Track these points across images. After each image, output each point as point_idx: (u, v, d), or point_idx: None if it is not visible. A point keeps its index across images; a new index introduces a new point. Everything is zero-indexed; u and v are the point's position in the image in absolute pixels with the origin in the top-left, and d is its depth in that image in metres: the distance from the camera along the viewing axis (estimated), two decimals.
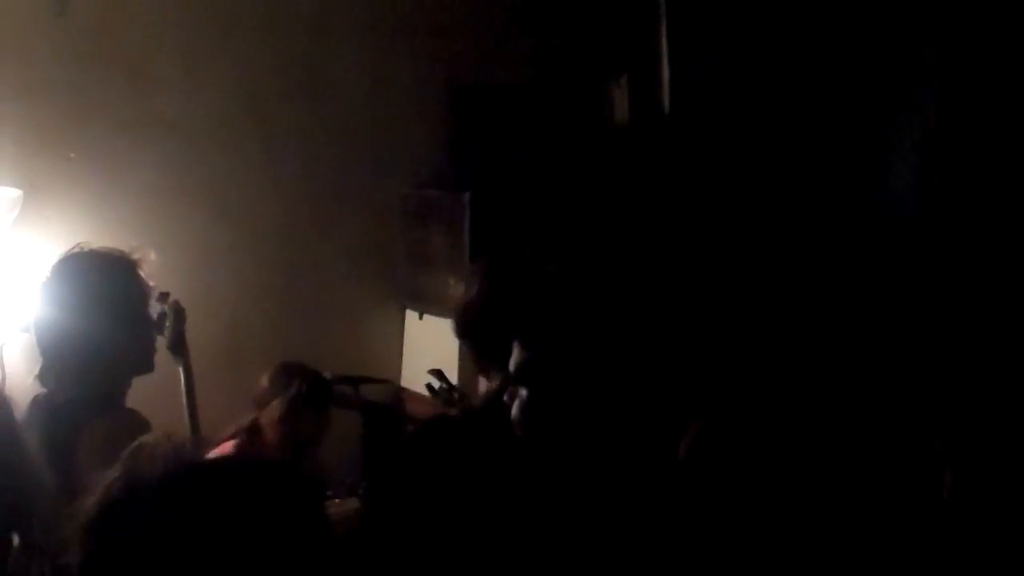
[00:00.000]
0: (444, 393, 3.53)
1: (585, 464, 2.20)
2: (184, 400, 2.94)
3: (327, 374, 3.77)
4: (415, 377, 4.12)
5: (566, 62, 4.92)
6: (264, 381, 3.67)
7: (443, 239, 4.34)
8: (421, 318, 4.52)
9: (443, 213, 4.35)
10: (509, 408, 2.11)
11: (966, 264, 3.85)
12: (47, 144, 4.02)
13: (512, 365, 2.09)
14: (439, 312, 4.16)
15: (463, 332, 2.55)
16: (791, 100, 4.55)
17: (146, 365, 2.65)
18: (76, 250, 2.63)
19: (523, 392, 2.10)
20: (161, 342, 2.83)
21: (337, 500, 3.75)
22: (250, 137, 4.38)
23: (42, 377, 2.56)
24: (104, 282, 2.55)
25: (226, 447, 3.47)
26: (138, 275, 2.61)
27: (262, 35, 4.38)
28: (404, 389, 4.47)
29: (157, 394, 2.73)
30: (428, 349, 4.34)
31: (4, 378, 3.65)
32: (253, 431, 3.55)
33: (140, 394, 2.65)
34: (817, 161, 4.40)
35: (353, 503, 3.68)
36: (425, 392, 3.65)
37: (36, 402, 2.56)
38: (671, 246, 4.54)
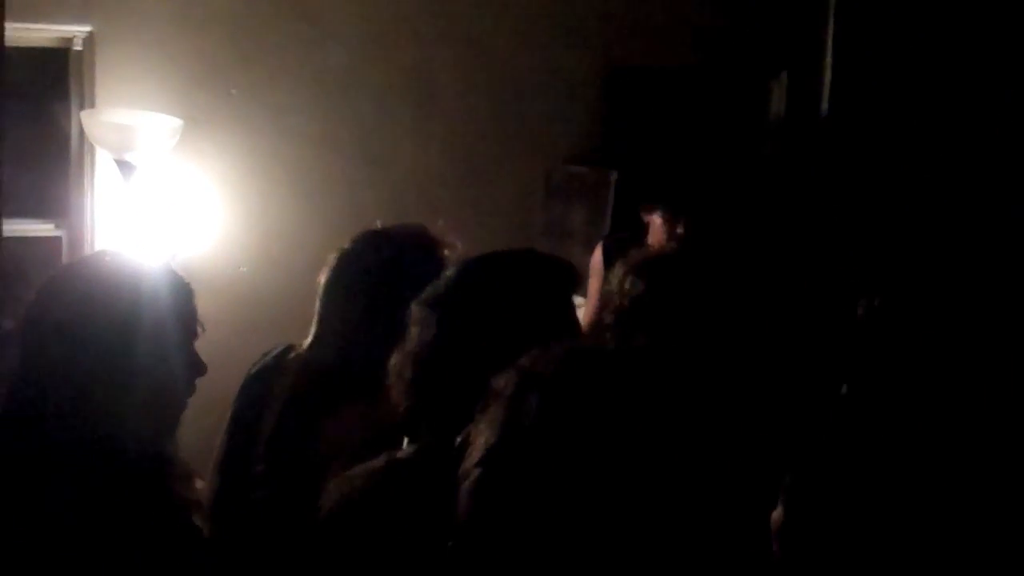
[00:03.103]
0: None
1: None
2: None
3: None
4: None
5: (727, 52, 4.85)
6: None
7: (584, 216, 4.32)
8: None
9: (587, 190, 4.33)
10: None
11: None
12: (210, 78, 4.10)
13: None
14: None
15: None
16: (951, 109, 4.45)
17: None
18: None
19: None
20: None
21: None
22: (408, 97, 4.41)
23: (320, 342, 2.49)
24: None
25: None
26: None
27: (435, 3, 4.41)
28: None
29: None
30: None
31: None
32: None
33: None
34: (974, 167, 4.30)
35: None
36: None
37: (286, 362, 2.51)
38: (816, 246, 4.46)
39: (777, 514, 1.90)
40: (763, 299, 2.43)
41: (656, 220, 3.68)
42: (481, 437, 1.50)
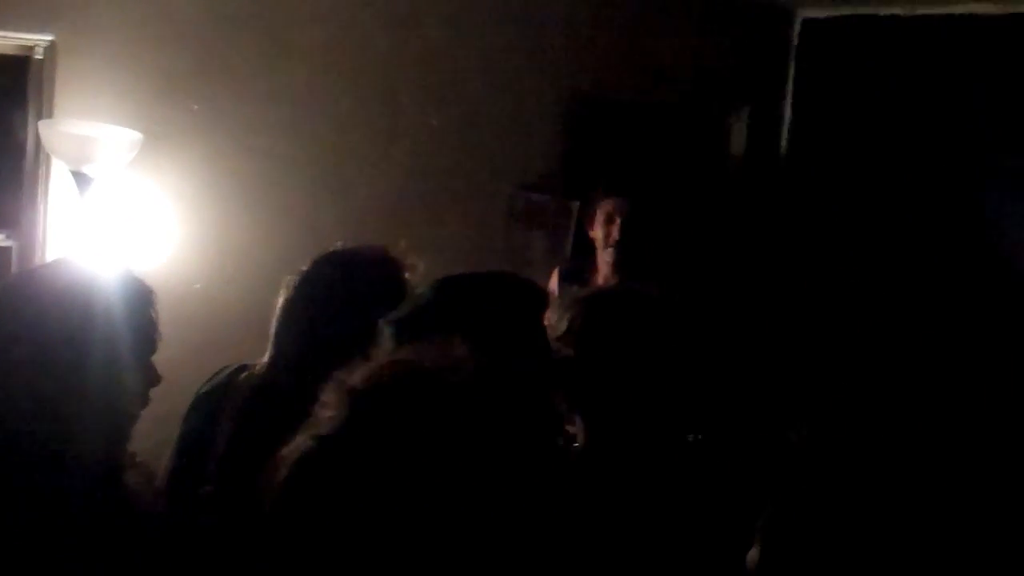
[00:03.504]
0: None
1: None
2: None
3: None
4: None
5: (689, 87, 4.88)
6: None
7: (545, 244, 4.33)
8: None
9: (549, 218, 4.35)
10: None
11: None
12: (171, 92, 4.06)
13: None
14: None
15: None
16: (909, 150, 4.51)
17: None
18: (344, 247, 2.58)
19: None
20: None
21: None
22: (370, 119, 4.39)
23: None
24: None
25: None
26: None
27: (397, 22, 4.39)
28: None
29: None
30: None
31: None
32: None
33: None
34: (931, 209, 4.35)
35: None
36: None
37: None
38: (769, 280, 4.49)
39: (753, 554, 1.89)
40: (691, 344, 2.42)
41: (597, 233, 3.71)
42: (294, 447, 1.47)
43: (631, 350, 2.29)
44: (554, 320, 2.28)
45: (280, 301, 2.48)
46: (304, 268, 2.51)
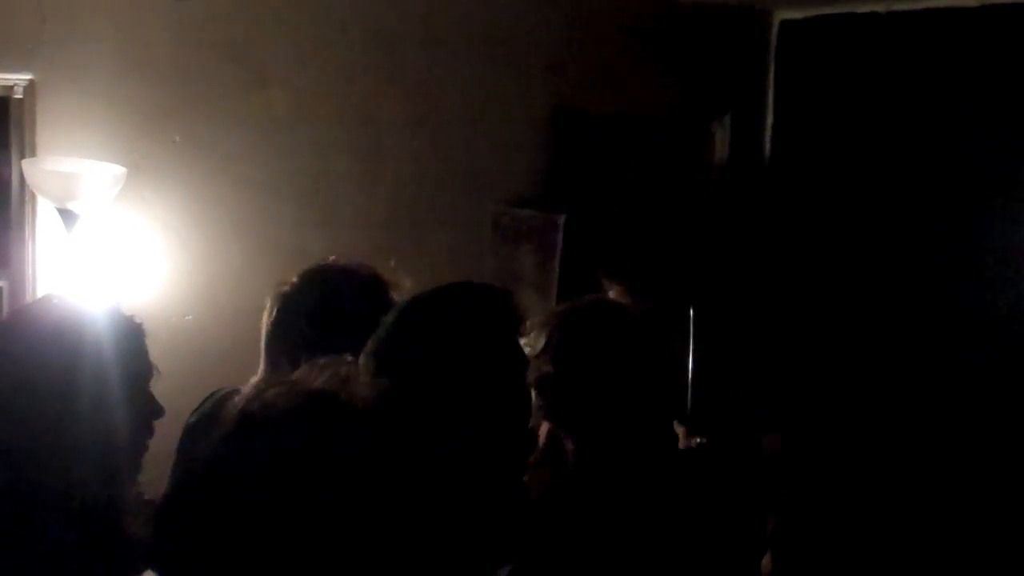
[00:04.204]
0: None
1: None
2: None
3: None
4: None
5: (671, 96, 4.89)
6: None
7: (533, 259, 4.33)
8: None
9: (535, 233, 4.34)
10: None
11: None
12: (153, 125, 4.06)
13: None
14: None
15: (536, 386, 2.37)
16: (894, 152, 4.51)
17: None
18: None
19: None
20: None
21: None
22: (352, 141, 4.39)
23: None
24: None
25: None
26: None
27: (375, 43, 4.40)
28: None
29: None
30: None
31: None
32: None
33: None
34: (917, 212, 4.36)
35: None
36: None
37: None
38: (759, 287, 4.49)
39: (766, 562, 1.89)
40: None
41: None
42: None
43: (608, 362, 2.29)
44: (532, 339, 2.27)
45: (266, 317, 2.47)
46: (293, 281, 2.50)
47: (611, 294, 3.36)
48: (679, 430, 2.68)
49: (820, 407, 3.14)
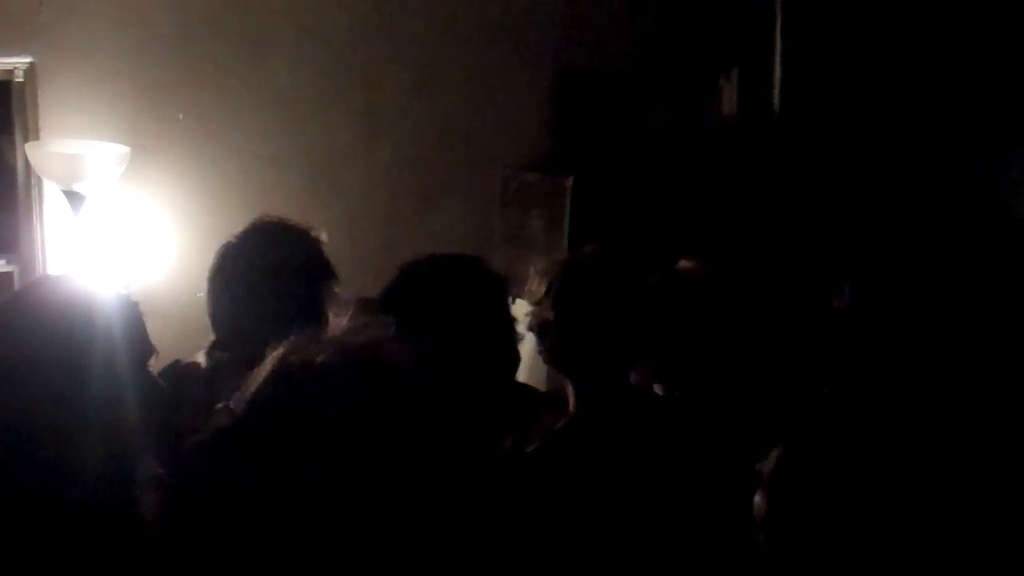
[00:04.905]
0: None
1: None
2: None
3: None
4: None
5: (677, 53, 4.85)
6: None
7: (542, 223, 4.30)
8: (514, 302, 4.48)
9: (544, 197, 4.32)
10: None
11: None
12: (156, 103, 4.06)
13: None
14: None
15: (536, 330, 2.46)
16: (903, 102, 4.47)
17: None
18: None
19: None
20: None
21: None
22: (355, 112, 4.37)
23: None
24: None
25: None
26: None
27: (375, 11, 4.37)
28: None
29: None
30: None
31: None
32: None
33: None
34: (929, 161, 4.32)
35: None
36: None
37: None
38: (770, 244, 4.46)
39: (760, 504, 1.88)
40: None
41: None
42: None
43: (606, 305, 2.33)
44: (533, 287, 2.32)
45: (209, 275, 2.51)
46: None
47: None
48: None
49: (832, 365, 3.11)
